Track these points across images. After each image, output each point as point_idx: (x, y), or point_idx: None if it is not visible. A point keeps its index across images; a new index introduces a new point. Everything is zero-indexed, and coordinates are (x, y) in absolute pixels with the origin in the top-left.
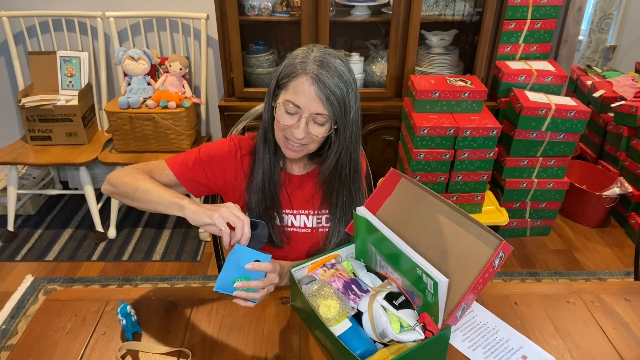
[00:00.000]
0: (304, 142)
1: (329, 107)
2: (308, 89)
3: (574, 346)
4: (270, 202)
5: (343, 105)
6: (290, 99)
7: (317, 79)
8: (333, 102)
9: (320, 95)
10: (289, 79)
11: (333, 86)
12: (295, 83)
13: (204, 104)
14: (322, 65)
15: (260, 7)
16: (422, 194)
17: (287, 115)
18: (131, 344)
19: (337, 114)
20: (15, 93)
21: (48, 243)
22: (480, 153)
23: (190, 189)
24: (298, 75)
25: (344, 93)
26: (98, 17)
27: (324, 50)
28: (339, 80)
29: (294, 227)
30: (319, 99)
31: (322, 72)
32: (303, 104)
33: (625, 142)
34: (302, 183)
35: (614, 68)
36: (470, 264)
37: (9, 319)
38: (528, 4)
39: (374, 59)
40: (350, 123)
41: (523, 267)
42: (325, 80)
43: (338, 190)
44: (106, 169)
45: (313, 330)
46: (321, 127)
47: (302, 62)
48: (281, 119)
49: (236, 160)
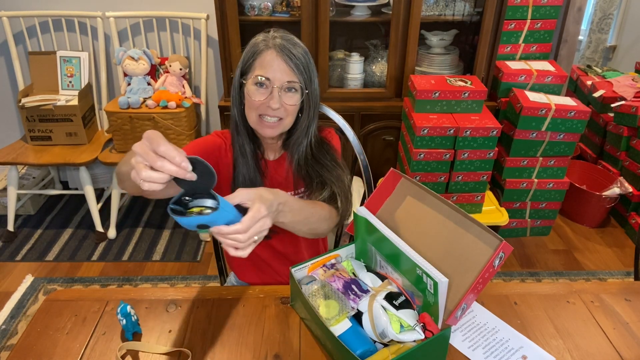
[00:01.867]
0: (280, 115)
1: (297, 72)
2: (275, 60)
3: (574, 346)
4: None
5: (308, 71)
6: (259, 73)
7: (282, 49)
8: (300, 68)
9: (289, 62)
10: (254, 58)
11: (297, 53)
12: (261, 58)
13: (204, 104)
14: (284, 38)
15: (260, 7)
16: (422, 194)
17: (259, 90)
18: (131, 344)
19: (306, 80)
20: (15, 93)
21: (48, 243)
22: (480, 153)
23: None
24: (262, 51)
25: (307, 60)
26: (98, 17)
27: (283, 31)
28: (301, 49)
29: None
30: (287, 67)
31: (285, 43)
32: (273, 75)
33: (625, 142)
34: (277, 167)
35: (614, 68)
36: (470, 264)
37: (9, 319)
38: (528, 4)
39: (374, 59)
40: (315, 93)
41: (523, 267)
42: (290, 48)
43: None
44: (106, 169)
45: (313, 330)
46: (294, 95)
47: (264, 40)
48: (253, 95)
49: (224, 151)
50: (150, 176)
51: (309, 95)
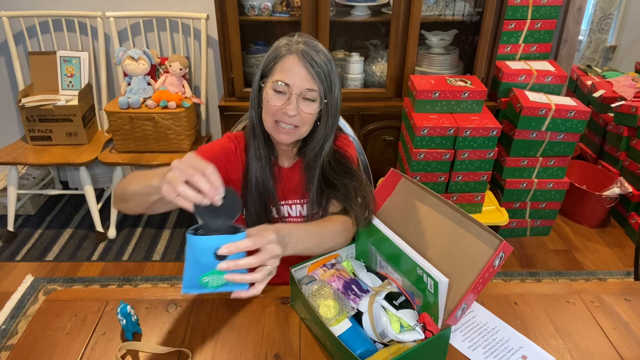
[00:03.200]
0: (296, 123)
1: (317, 80)
2: (296, 66)
3: (574, 346)
4: (266, 197)
5: (329, 80)
6: (278, 78)
7: (304, 55)
8: (321, 76)
9: (310, 69)
10: (275, 62)
11: (319, 61)
12: (282, 63)
13: (204, 104)
14: (307, 44)
15: (260, 7)
16: (422, 194)
17: (277, 96)
18: (131, 344)
19: (325, 89)
20: (15, 93)
21: (48, 243)
22: (480, 153)
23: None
24: (284, 55)
25: (329, 68)
26: (98, 17)
27: (305, 35)
28: (324, 57)
29: (291, 218)
30: (308, 74)
31: (308, 49)
32: (292, 81)
33: (625, 142)
34: (290, 174)
35: (614, 68)
36: (470, 264)
37: (9, 319)
38: (528, 4)
39: (374, 59)
40: (336, 101)
41: (523, 267)
42: (313, 55)
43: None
44: (106, 169)
45: (313, 330)
46: (312, 104)
47: (287, 44)
48: (271, 100)
49: (237, 155)
50: (185, 191)
51: (327, 105)
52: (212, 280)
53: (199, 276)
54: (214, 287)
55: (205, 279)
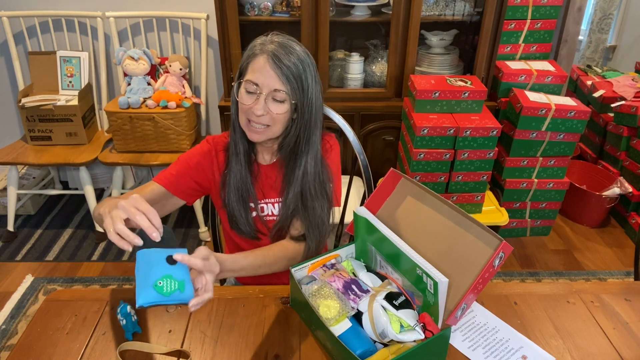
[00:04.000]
0: (266, 122)
1: (285, 82)
2: (264, 66)
3: (574, 346)
4: (246, 193)
5: (300, 82)
6: (248, 78)
7: (272, 55)
8: (289, 77)
9: (277, 70)
10: (248, 61)
11: (288, 62)
12: (254, 63)
13: (204, 104)
14: (280, 45)
15: (260, 7)
16: (422, 194)
17: (247, 95)
18: (131, 344)
19: (295, 91)
20: (15, 93)
21: (48, 243)
22: (480, 153)
23: (181, 196)
24: (256, 55)
25: (300, 70)
26: (98, 17)
27: (284, 36)
28: (295, 59)
29: (273, 216)
30: (275, 75)
31: (279, 50)
32: (260, 81)
33: (625, 142)
34: (268, 172)
35: (614, 68)
36: (470, 264)
37: (9, 319)
38: (528, 4)
39: (374, 59)
40: (310, 101)
41: (523, 267)
42: (281, 57)
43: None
44: (106, 169)
45: (313, 330)
46: (281, 105)
47: (261, 44)
48: (242, 99)
49: (211, 157)
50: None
51: (296, 106)
52: (166, 284)
53: (153, 281)
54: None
55: (160, 283)
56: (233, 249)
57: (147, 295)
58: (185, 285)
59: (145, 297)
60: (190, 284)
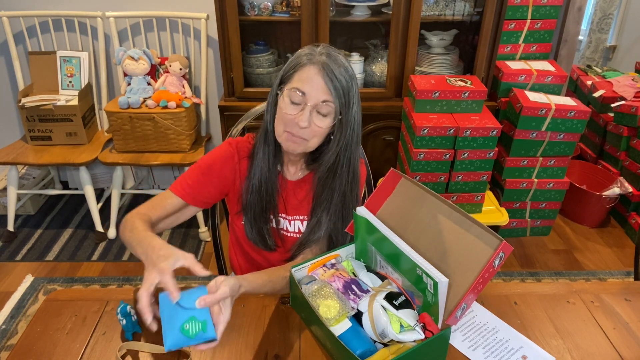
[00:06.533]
0: (306, 136)
1: (334, 95)
2: (315, 77)
3: (574, 346)
4: (267, 204)
5: (347, 97)
6: (296, 86)
7: (324, 67)
8: (339, 91)
9: (328, 82)
10: (295, 70)
11: (339, 75)
12: (302, 72)
13: (204, 104)
14: (329, 56)
15: (260, 7)
16: (422, 194)
17: (292, 105)
18: (131, 344)
19: (342, 105)
20: (15, 93)
21: (48, 243)
22: (480, 153)
23: (199, 205)
24: (305, 65)
25: (349, 85)
26: (98, 17)
27: (329, 46)
28: (344, 71)
29: (289, 232)
30: (325, 86)
31: (329, 61)
32: (309, 91)
33: (625, 142)
34: (296, 189)
35: (614, 68)
36: (470, 264)
37: (9, 319)
38: (528, 4)
39: (374, 59)
40: (352, 119)
41: (523, 267)
42: (333, 68)
43: (330, 191)
44: (106, 169)
45: (313, 330)
46: (325, 119)
47: (309, 54)
48: (285, 108)
49: (234, 163)
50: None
51: (341, 122)
52: (191, 326)
53: (180, 325)
54: (193, 336)
55: (186, 326)
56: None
57: (176, 339)
58: (207, 325)
59: (173, 341)
60: (211, 322)
